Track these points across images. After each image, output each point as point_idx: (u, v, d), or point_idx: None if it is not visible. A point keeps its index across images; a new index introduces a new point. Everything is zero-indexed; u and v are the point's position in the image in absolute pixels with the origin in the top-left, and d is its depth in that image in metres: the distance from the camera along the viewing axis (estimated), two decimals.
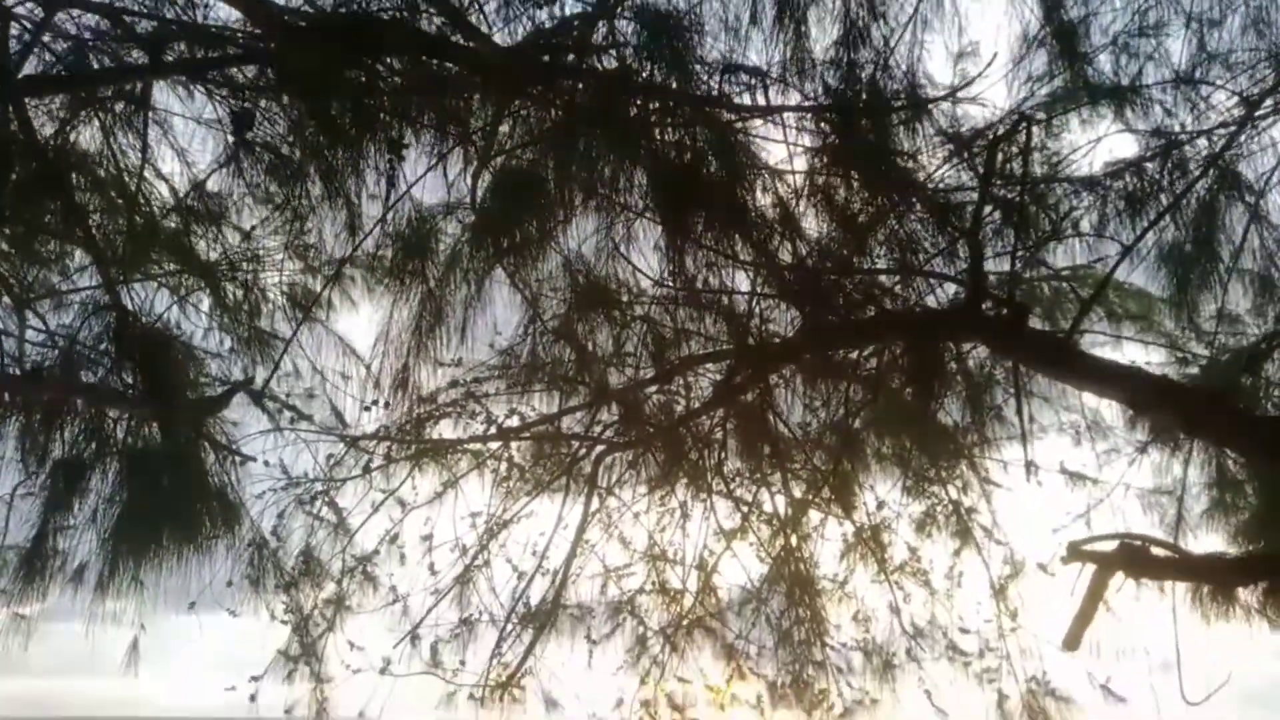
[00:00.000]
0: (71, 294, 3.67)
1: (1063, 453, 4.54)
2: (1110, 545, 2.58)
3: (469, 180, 3.42)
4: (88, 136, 3.27)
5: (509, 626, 4.09)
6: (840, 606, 4.45)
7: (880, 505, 4.35)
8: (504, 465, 4.31)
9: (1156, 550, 2.67)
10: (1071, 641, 2.53)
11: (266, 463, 4.02)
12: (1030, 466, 3.95)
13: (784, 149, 3.40)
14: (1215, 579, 2.85)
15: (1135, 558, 2.47)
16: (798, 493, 4.39)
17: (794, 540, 4.41)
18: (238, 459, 3.62)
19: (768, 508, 4.43)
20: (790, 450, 4.33)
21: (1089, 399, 4.29)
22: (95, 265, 3.51)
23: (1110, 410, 4.29)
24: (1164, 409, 2.86)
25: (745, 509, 4.42)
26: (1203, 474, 4.11)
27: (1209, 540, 4.22)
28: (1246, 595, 4.01)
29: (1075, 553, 2.49)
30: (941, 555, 4.42)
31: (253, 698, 4.06)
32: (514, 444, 4.29)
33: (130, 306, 3.53)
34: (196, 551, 3.75)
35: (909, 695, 4.39)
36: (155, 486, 3.57)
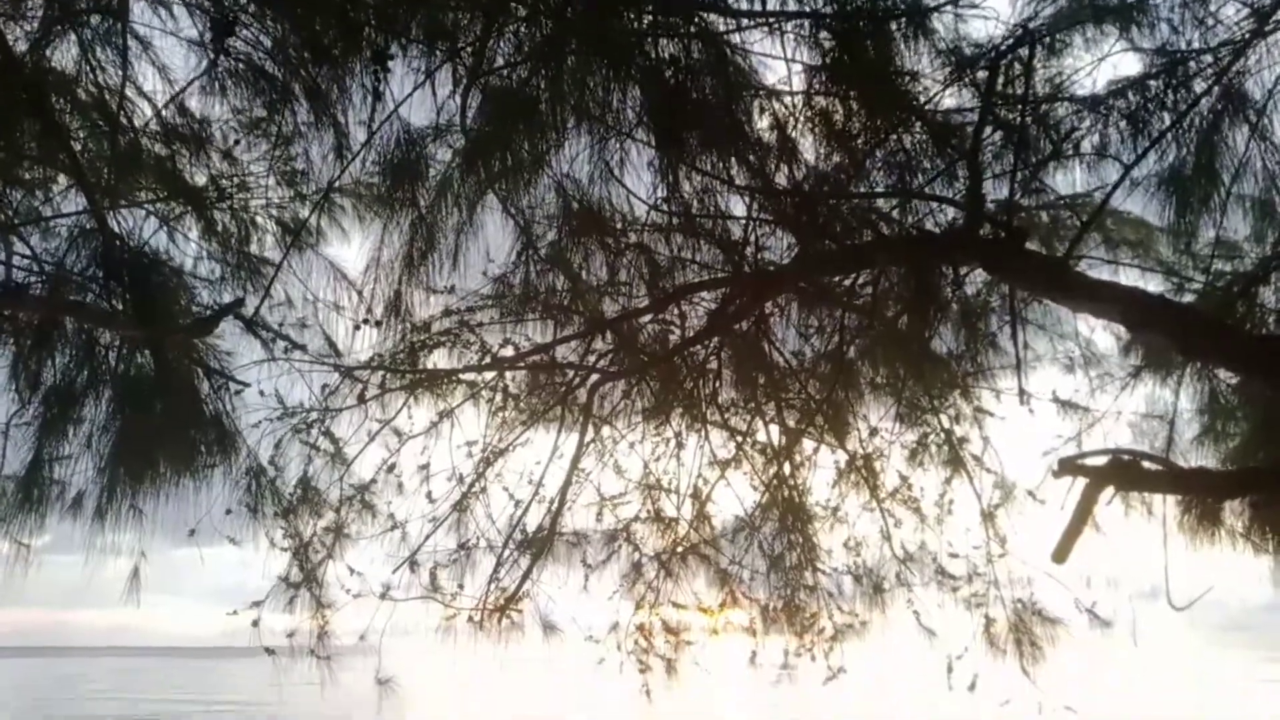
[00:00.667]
0: (57, 219, 3.61)
1: (1055, 382, 4.57)
2: (1102, 461, 2.60)
3: (458, 100, 3.34)
4: (63, 52, 3.17)
5: (506, 552, 4.14)
6: (832, 533, 4.51)
7: (873, 432, 4.37)
8: (499, 395, 4.31)
9: (1148, 465, 2.69)
10: (1060, 554, 2.57)
11: (262, 392, 4.01)
12: (1024, 395, 3.97)
13: (782, 68, 3.32)
14: (1206, 491, 2.88)
15: (1127, 471, 2.49)
16: (791, 422, 4.41)
17: (787, 469, 4.45)
18: (231, 385, 3.60)
19: (761, 437, 4.46)
20: (784, 379, 4.33)
21: (1083, 327, 4.29)
22: (79, 189, 3.44)
23: (1104, 337, 4.30)
24: (1161, 328, 2.85)
25: (739, 438, 4.45)
26: (1194, 400, 4.14)
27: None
28: (1232, 519, 4.08)
29: (1067, 467, 2.52)
30: (933, 483, 4.47)
31: (255, 624, 4.11)
32: (509, 373, 4.29)
33: (117, 231, 3.47)
34: (194, 478, 3.77)
35: (898, 619, 4.48)
36: (149, 413, 3.57)
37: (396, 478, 4.27)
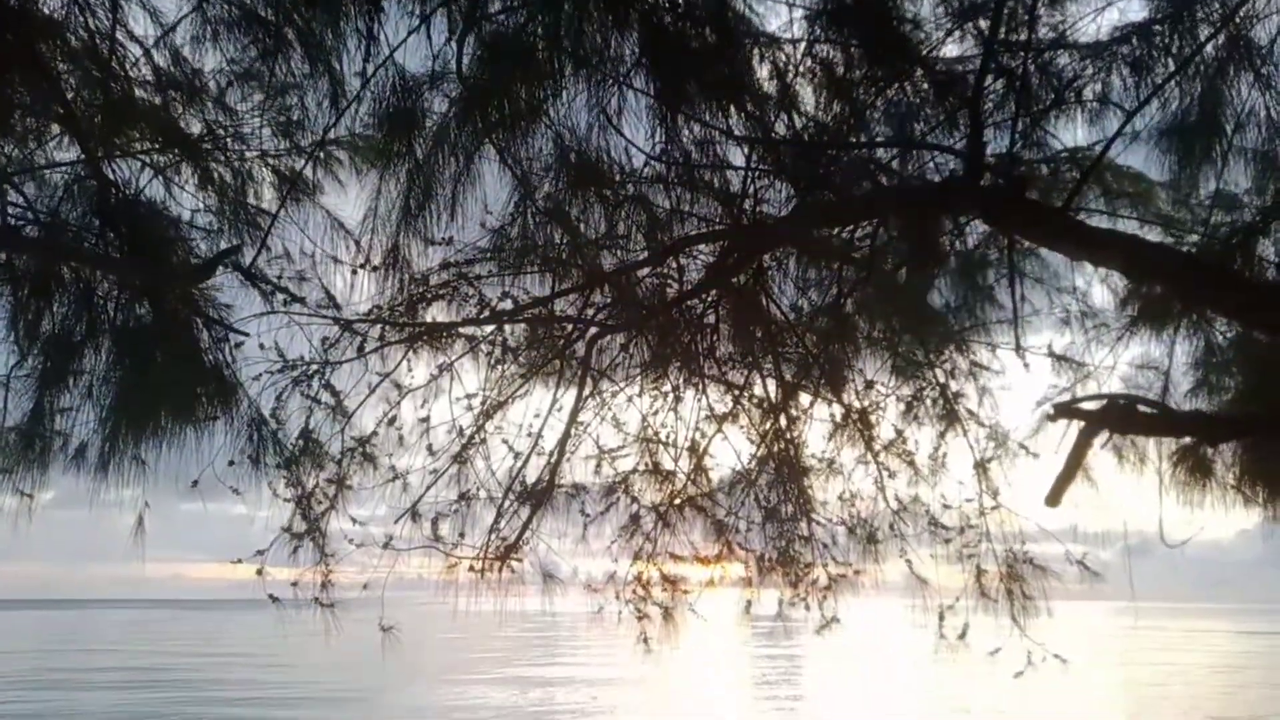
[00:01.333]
0: (52, 168, 3.57)
1: (1051, 338, 4.59)
2: (1097, 405, 2.62)
3: (454, 46, 3.30)
4: None
5: (506, 503, 4.19)
6: (827, 485, 4.56)
7: (869, 386, 4.40)
8: (498, 349, 4.33)
9: (1143, 409, 2.72)
10: (1054, 498, 2.60)
11: (261, 345, 4.01)
12: (1020, 348, 3.99)
13: (783, 13, 3.28)
14: (1201, 434, 2.91)
15: (1123, 414, 2.51)
16: (788, 375, 4.43)
17: (783, 422, 4.48)
18: (231, 336, 3.60)
19: (759, 390, 4.49)
20: (782, 333, 4.35)
21: (1080, 280, 4.30)
22: (73, 137, 3.41)
23: (1100, 291, 4.31)
24: (1162, 277, 2.86)
25: (737, 392, 4.48)
26: (1189, 354, 4.16)
27: None
28: (1223, 471, 4.12)
29: (1063, 411, 2.53)
30: (927, 436, 4.51)
31: (259, 572, 4.16)
32: (507, 327, 4.29)
33: (113, 180, 3.45)
34: (195, 430, 3.80)
35: (891, 569, 4.55)
36: (150, 364, 3.58)
37: (397, 430, 4.30)
